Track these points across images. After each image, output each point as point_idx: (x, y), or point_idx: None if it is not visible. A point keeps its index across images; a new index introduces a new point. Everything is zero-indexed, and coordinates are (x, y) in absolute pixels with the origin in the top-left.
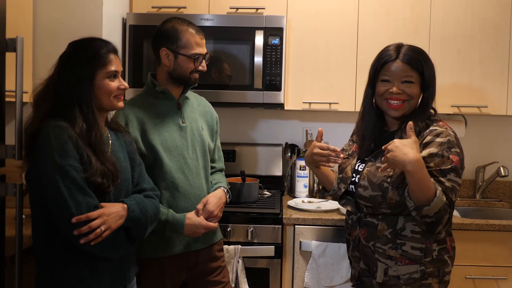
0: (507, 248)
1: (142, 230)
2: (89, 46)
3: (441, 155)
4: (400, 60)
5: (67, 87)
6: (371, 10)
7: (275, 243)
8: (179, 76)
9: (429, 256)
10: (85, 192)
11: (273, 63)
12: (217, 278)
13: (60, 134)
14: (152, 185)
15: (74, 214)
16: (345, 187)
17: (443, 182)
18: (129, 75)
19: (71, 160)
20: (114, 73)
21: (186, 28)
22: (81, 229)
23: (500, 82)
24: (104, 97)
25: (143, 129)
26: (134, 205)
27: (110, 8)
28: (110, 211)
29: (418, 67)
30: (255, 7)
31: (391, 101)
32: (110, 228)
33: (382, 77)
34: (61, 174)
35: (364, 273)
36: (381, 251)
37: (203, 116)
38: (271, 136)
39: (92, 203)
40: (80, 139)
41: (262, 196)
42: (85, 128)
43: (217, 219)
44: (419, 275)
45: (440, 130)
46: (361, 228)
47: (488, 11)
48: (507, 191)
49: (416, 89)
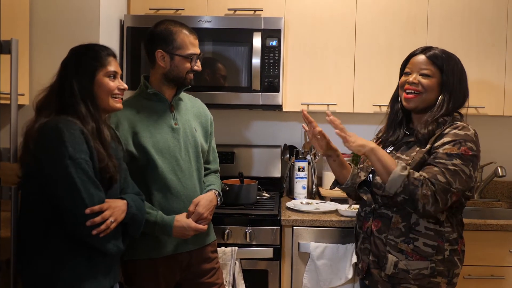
0: (505, 248)
1: (138, 227)
2: (90, 49)
3: (453, 144)
4: (423, 54)
5: (70, 85)
6: (368, 11)
7: (274, 245)
8: (175, 77)
9: (441, 255)
10: (96, 185)
11: (271, 65)
12: (211, 279)
13: (72, 128)
14: (136, 190)
15: (87, 205)
16: (365, 175)
17: (445, 164)
18: (127, 77)
19: (83, 154)
20: (113, 73)
21: (180, 29)
22: (95, 220)
23: (497, 82)
24: (104, 96)
25: (135, 131)
26: (131, 201)
27: (107, 10)
28: (116, 204)
29: (438, 64)
30: (253, 8)
31: (407, 90)
32: (117, 221)
33: (406, 69)
34: (75, 167)
35: (374, 265)
36: (393, 244)
37: (197, 117)
38: (270, 138)
39: (102, 196)
40: (90, 136)
41: (260, 198)
42: (95, 127)
43: (206, 222)
44: (428, 272)
45: (461, 124)
46: (374, 220)
47: (485, 12)
48: (505, 191)
49: (433, 84)
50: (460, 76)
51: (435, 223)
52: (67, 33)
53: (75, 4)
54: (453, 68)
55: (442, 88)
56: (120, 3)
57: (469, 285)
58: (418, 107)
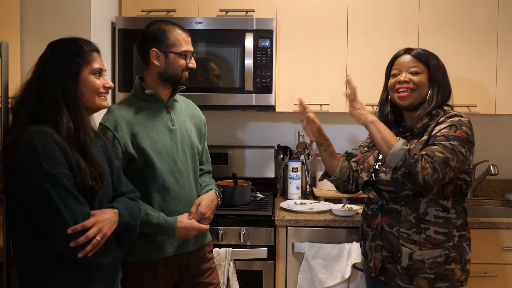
0: (497, 246)
1: (132, 234)
2: (72, 43)
3: (449, 128)
4: (407, 53)
5: (52, 85)
6: (360, 11)
7: (268, 245)
8: (170, 75)
9: (451, 240)
10: (78, 200)
11: (263, 65)
12: (207, 279)
13: (45, 140)
14: (130, 188)
15: (69, 223)
16: (367, 175)
17: (444, 145)
18: (119, 79)
19: (61, 167)
20: (98, 70)
21: (172, 27)
22: (78, 240)
23: (489, 81)
24: (90, 95)
25: (133, 132)
26: (123, 209)
27: (98, 12)
28: (103, 218)
29: (424, 60)
30: (244, 9)
31: (400, 89)
32: (105, 236)
33: (393, 71)
34: (52, 183)
35: (388, 260)
36: (406, 236)
37: (191, 118)
38: (263, 138)
39: (86, 211)
40: (66, 144)
41: (254, 199)
42: (72, 128)
43: (208, 221)
44: (443, 259)
45: (454, 113)
46: (383, 216)
47: (476, 11)
48: (497, 189)
49: (424, 79)
50: (443, 70)
51: (442, 210)
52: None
53: (67, 7)
54: (437, 64)
55: (431, 83)
56: (111, 5)
57: None
58: (414, 104)
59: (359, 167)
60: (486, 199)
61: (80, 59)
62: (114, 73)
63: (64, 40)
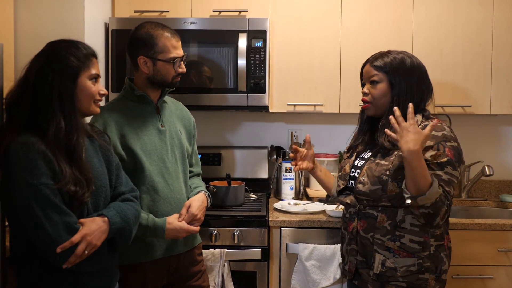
0: (493, 247)
1: (127, 238)
2: (73, 46)
3: (436, 148)
4: (368, 63)
5: (49, 84)
6: (354, 12)
7: (262, 246)
8: (159, 81)
9: (427, 250)
10: (60, 210)
11: (257, 66)
12: (197, 282)
13: (28, 151)
14: (130, 187)
15: (51, 235)
16: (344, 183)
17: (440, 176)
18: (112, 80)
19: (43, 177)
20: (95, 76)
21: (161, 32)
22: (69, 261)
23: (483, 81)
24: (86, 100)
25: (122, 133)
26: (114, 216)
27: (91, 13)
28: (91, 229)
29: (382, 67)
30: (238, 10)
31: (363, 101)
32: (95, 247)
33: (362, 82)
34: (34, 194)
35: (362, 265)
36: (380, 242)
37: (180, 120)
38: (256, 139)
39: (69, 221)
40: (53, 149)
41: (248, 199)
42: (64, 131)
43: (199, 223)
44: (416, 269)
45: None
46: (360, 220)
47: (470, 12)
48: (492, 190)
49: (383, 88)
50: (409, 73)
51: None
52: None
53: (60, 8)
54: (397, 68)
55: (392, 90)
56: (104, 6)
57: (457, 285)
58: (376, 115)
59: (338, 174)
60: (481, 200)
61: (79, 63)
62: (107, 74)
63: (66, 41)
